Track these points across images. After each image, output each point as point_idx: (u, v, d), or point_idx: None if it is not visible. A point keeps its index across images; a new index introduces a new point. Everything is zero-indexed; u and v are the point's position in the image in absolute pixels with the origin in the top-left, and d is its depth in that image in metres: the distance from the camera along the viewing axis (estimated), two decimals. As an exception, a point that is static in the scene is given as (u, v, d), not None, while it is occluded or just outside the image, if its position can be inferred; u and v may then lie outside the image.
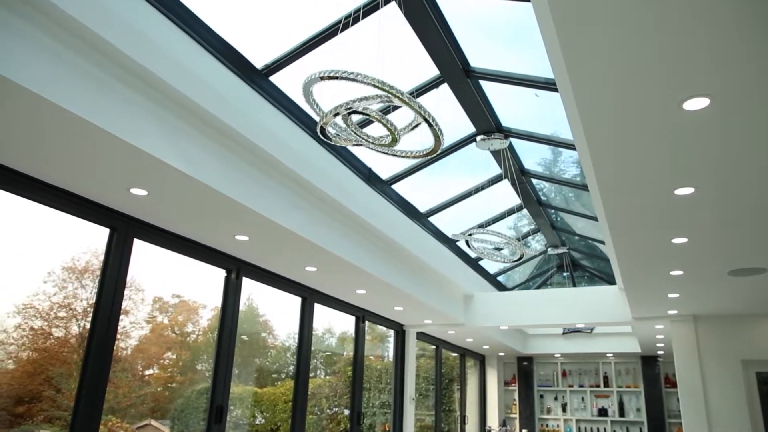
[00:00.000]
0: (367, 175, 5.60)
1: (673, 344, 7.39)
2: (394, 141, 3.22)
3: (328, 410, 7.63)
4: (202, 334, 5.88)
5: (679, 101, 2.67)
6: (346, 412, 7.49)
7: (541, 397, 11.98)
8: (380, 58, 3.26)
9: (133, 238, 4.25)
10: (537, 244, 9.16)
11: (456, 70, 4.51)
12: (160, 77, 3.12)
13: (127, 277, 4.20)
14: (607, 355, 11.40)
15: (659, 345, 9.91)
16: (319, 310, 6.71)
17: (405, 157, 3.55)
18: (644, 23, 2.20)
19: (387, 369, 8.78)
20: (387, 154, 3.50)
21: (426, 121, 3.02)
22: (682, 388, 7.12)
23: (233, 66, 3.82)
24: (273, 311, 6.66)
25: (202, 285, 5.40)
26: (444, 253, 7.46)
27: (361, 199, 5.35)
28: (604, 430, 11.22)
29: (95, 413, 3.84)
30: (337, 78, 2.82)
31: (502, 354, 11.95)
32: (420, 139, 3.40)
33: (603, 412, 11.32)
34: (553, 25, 2.26)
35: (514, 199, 7.09)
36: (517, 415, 11.81)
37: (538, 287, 10.55)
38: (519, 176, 6.40)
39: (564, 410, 11.66)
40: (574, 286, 10.20)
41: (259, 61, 4.09)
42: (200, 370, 5.82)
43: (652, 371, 11.02)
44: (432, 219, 7.07)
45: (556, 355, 11.74)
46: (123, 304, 4.17)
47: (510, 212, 7.49)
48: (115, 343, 4.06)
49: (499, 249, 6.37)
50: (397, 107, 3.98)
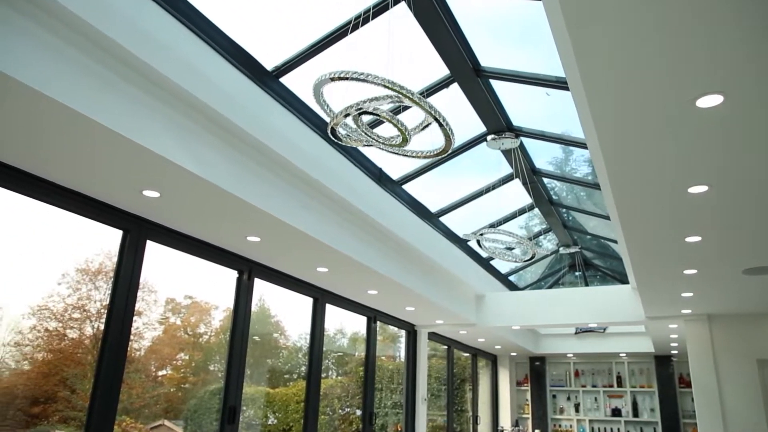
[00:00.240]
0: (378, 176, 5.60)
1: (688, 344, 7.33)
2: (405, 141, 3.22)
3: (340, 410, 7.63)
4: (214, 335, 5.91)
5: (693, 98, 2.64)
6: (358, 413, 7.50)
7: (554, 397, 11.92)
8: (390, 59, 3.26)
9: (146, 240, 4.27)
10: (549, 243, 9.12)
11: (466, 70, 4.50)
12: (172, 80, 3.14)
13: (140, 279, 4.23)
14: (620, 355, 11.32)
15: (673, 345, 9.83)
16: (331, 311, 6.72)
17: (416, 157, 3.55)
18: (657, 19, 2.18)
19: (399, 369, 8.78)
20: (398, 154, 3.50)
21: (436, 120, 3.01)
22: (697, 388, 7.05)
23: (244, 67, 3.83)
24: (284, 312, 6.68)
25: (214, 286, 5.43)
26: (455, 253, 7.45)
27: (372, 200, 5.35)
28: (618, 430, 11.14)
29: (110, 414, 3.87)
30: (348, 79, 2.82)
31: (514, 354, 11.90)
32: (430, 139, 3.39)
33: (616, 413, 11.24)
34: (563, 22, 2.25)
35: (526, 199, 7.06)
36: (530, 416, 11.76)
37: (550, 287, 10.50)
38: (530, 175, 6.37)
39: (577, 410, 11.59)
40: (587, 285, 10.14)
41: (270, 63, 4.10)
42: (213, 371, 5.85)
43: (666, 371, 10.93)
44: (443, 219, 7.05)
45: (569, 355, 11.68)
46: (136, 306, 4.20)
47: (521, 212, 7.46)
48: (128, 344, 4.08)
49: (511, 248, 6.35)
50: (407, 107, 3.98)
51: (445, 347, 10.12)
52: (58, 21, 2.66)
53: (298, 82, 4.28)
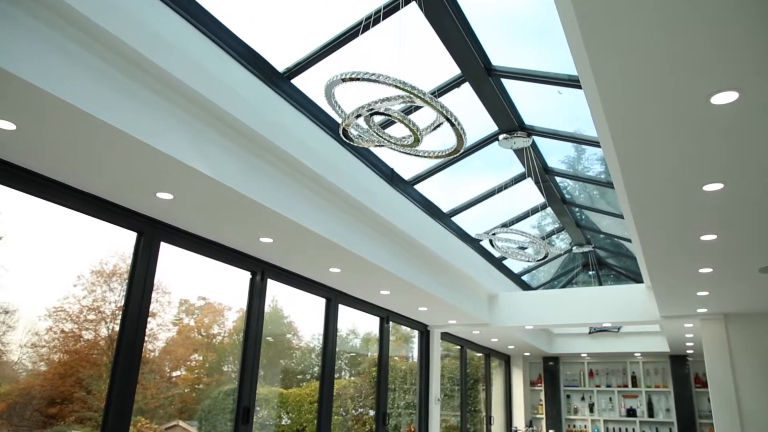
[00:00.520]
0: (390, 176, 5.60)
1: (703, 343, 7.26)
2: (417, 141, 3.21)
3: (353, 411, 7.64)
4: (227, 336, 5.94)
5: (707, 95, 2.62)
6: (372, 413, 7.50)
7: (568, 397, 11.85)
8: (401, 59, 3.26)
9: (160, 242, 4.30)
10: (562, 242, 9.07)
11: (477, 69, 4.48)
12: (185, 82, 3.16)
13: (154, 280, 4.26)
14: (635, 355, 11.24)
15: (689, 344, 9.74)
16: (344, 311, 6.73)
17: (427, 157, 3.54)
18: (671, 15, 2.16)
19: (412, 369, 8.77)
20: (409, 154, 3.50)
21: (448, 120, 3.00)
22: (713, 388, 6.98)
23: (255, 69, 3.85)
24: (297, 313, 6.70)
25: (228, 287, 5.46)
26: (468, 252, 7.43)
27: (384, 200, 5.35)
28: (633, 430, 11.06)
29: (125, 414, 3.90)
30: (359, 79, 2.82)
31: (527, 354, 11.86)
32: (442, 139, 3.39)
33: (631, 413, 11.16)
34: (575, 20, 2.23)
35: (538, 198, 7.03)
36: (544, 416, 11.71)
37: (563, 286, 10.44)
38: (542, 174, 6.34)
39: (591, 411, 11.52)
40: (600, 284, 10.07)
41: (281, 64, 4.12)
42: (226, 372, 5.88)
43: (682, 371, 10.83)
44: (455, 219, 7.04)
45: (583, 355, 11.61)
46: (150, 307, 4.23)
47: (534, 211, 7.42)
48: (143, 345, 4.11)
49: (524, 248, 6.32)
50: (419, 107, 3.97)
51: (458, 347, 10.10)
52: (75, 27, 2.68)
53: (309, 84, 4.29)
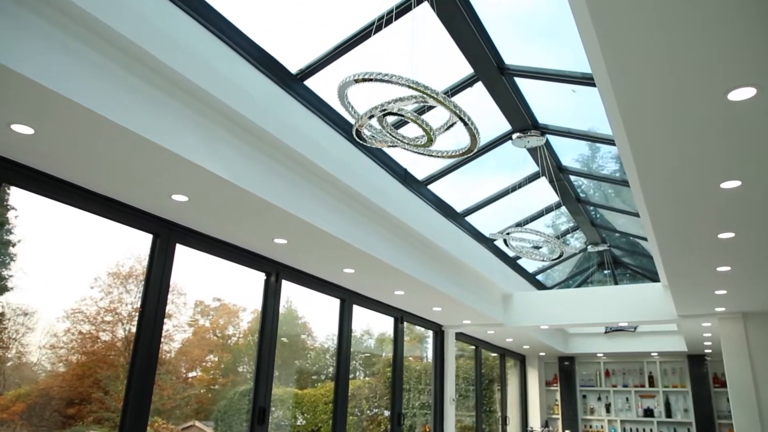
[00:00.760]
0: (403, 176, 5.60)
1: (722, 342, 7.17)
2: (430, 141, 3.21)
3: (368, 411, 7.65)
4: (242, 337, 5.98)
5: (724, 91, 2.59)
6: (387, 413, 7.50)
7: (584, 397, 11.77)
8: (414, 59, 3.26)
9: (175, 244, 4.33)
10: (576, 241, 9.01)
11: (490, 68, 4.47)
12: (199, 85, 3.18)
13: (170, 282, 4.29)
14: (652, 354, 11.13)
15: (707, 343, 9.62)
16: (358, 312, 6.73)
17: (441, 157, 3.53)
18: (686, 10, 2.14)
19: (426, 370, 8.76)
20: (423, 154, 3.49)
21: (461, 120, 3.00)
22: (732, 388, 6.89)
23: (269, 71, 3.86)
24: (312, 313, 6.73)
25: (242, 288, 5.49)
26: (482, 252, 7.41)
27: (398, 200, 5.35)
28: (651, 431, 10.95)
29: (143, 414, 3.93)
30: (372, 80, 2.82)
31: (542, 354, 11.79)
32: (456, 139, 3.37)
33: (649, 413, 11.05)
34: (589, 17, 2.22)
35: (552, 197, 6.99)
36: (560, 416, 11.63)
37: (579, 285, 10.37)
38: (556, 173, 6.31)
39: (608, 411, 11.43)
40: (616, 284, 9.99)
41: (294, 66, 4.13)
42: (241, 372, 5.92)
43: (700, 370, 10.71)
44: (469, 218, 7.02)
45: (599, 355, 11.52)
46: (166, 308, 4.26)
47: (548, 210, 7.38)
48: (159, 346, 4.15)
49: (538, 247, 6.29)
50: (432, 107, 3.96)
51: (473, 347, 10.07)
52: (92, 32, 2.71)
53: (322, 85, 4.30)
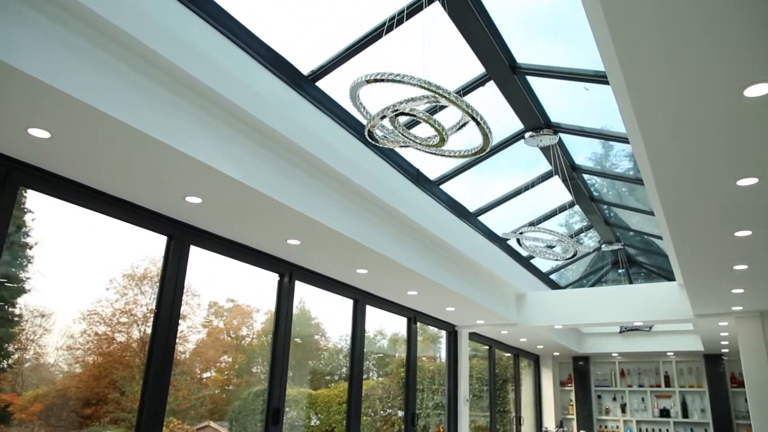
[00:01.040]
0: (416, 176, 5.59)
1: (739, 342, 7.09)
2: (442, 141, 3.20)
3: (382, 412, 7.65)
4: (256, 338, 6.00)
5: (741, 88, 2.56)
6: (400, 414, 7.50)
7: (599, 397, 11.69)
8: (425, 59, 3.25)
9: (189, 245, 4.36)
10: (590, 240, 8.95)
11: (502, 67, 4.45)
12: (212, 88, 3.20)
13: (185, 283, 4.32)
14: (668, 354, 11.02)
15: (723, 343, 9.52)
16: (371, 312, 6.74)
17: (453, 156, 3.53)
18: (701, 5, 2.11)
19: (440, 370, 8.74)
20: (435, 154, 3.49)
21: (474, 119, 2.99)
22: (750, 388, 6.81)
23: (281, 73, 3.88)
24: (325, 314, 6.74)
25: (256, 289, 5.51)
26: (495, 252, 7.38)
27: (410, 201, 5.34)
28: (667, 431, 10.85)
29: (158, 415, 3.96)
30: (383, 80, 2.82)
31: (557, 354, 11.72)
32: (468, 138, 3.36)
33: (665, 413, 10.95)
34: (603, 15, 2.20)
35: (566, 196, 6.95)
36: (575, 416, 11.56)
37: (593, 285, 10.30)
38: (570, 172, 6.27)
39: (623, 411, 11.34)
40: (631, 283, 9.91)
41: (306, 67, 4.14)
42: (255, 373, 5.94)
43: (717, 370, 10.60)
44: (482, 218, 7.00)
45: (614, 355, 11.44)
46: (180, 309, 4.29)
47: (561, 209, 7.34)
48: (174, 347, 4.17)
49: (552, 247, 6.25)
50: (444, 107, 3.95)
51: (487, 347, 10.04)
52: (106, 36, 2.74)
53: (334, 86, 4.31)
